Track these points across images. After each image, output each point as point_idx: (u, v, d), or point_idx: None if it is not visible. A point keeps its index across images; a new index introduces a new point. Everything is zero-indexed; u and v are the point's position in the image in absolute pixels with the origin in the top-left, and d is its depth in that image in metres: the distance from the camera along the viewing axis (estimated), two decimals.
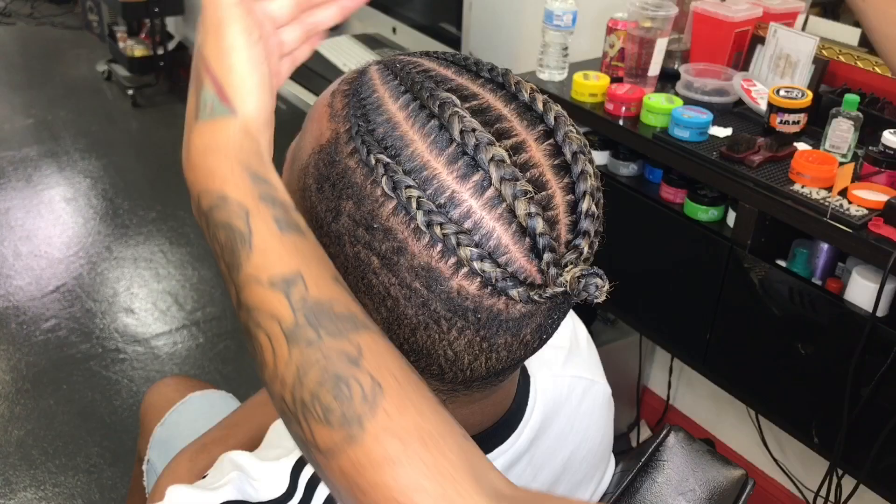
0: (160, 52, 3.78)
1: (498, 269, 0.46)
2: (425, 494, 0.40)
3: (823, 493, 1.43)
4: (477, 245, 0.46)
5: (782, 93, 1.39)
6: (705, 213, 1.43)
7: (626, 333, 1.98)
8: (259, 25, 0.51)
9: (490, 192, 0.47)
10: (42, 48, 4.55)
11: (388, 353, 0.44)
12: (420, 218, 0.46)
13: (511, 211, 0.47)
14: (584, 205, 0.49)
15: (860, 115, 1.33)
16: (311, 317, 0.43)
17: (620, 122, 1.50)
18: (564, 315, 0.54)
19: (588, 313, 1.96)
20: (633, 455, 0.89)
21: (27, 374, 2.24)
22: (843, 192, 1.24)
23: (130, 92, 3.86)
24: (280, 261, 0.45)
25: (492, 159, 0.46)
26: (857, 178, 1.27)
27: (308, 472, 0.58)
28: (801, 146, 1.38)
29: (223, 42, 0.50)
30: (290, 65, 0.58)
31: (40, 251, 2.78)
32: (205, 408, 1.14)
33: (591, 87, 1.55)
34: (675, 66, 1.65)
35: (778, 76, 1.53)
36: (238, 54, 0.50)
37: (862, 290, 1.22)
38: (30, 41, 4.64)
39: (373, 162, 0.48)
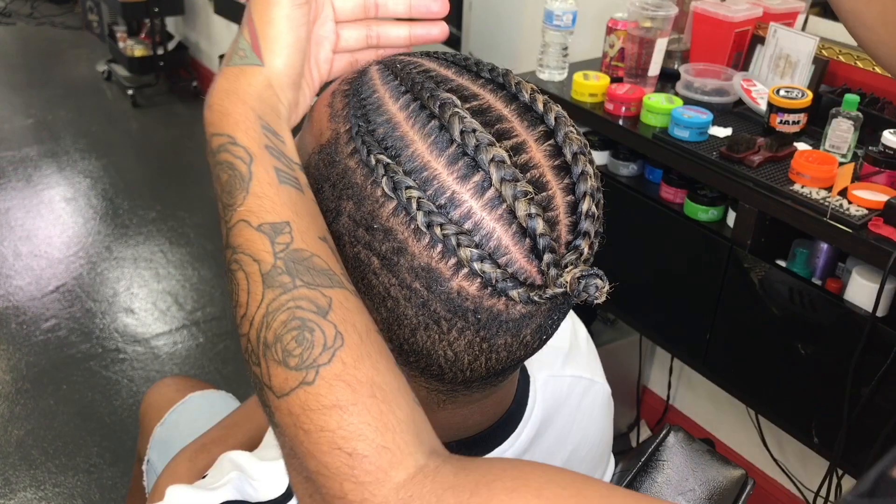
0: (160, 52, 3.78)
1: (498, 270, 0.46)
2: (366, 442, 0.41)
3: (823, 493, 1.43)
4: (477, 246, 0.46)
5: (782, 93, 1.39)
6: (705, 213, 1.43)
7: (626, 333, 1.98)
8: None
9: (490, 193, 0.47)
10: (42, 48, 4.55)
11: (356, 311, 0.45)
12: (420, 218, 0.46)
13: (511, 212, 0.47)
14: (585, 205, 0.49)
15: (860, 115, 1.33)
16: (290, 264, 0.45)
17: (620, 122, 1.50)
18: (564, 315, 0.54)
19: (588, 313, 1.96)
20: (633, 455, 0.89)
21: (27, 374, 2.24)
22: (843, 192, 1.24)
23: (130, 92, 3.86)
24: (273, 208, 0.47)
25: (492, 160, 0.46)
26: (857, 178, 1.27)
27: None
28: (801, 146, 1.38)
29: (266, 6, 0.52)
30: (347, 63, 0.60)
31: (40, 251, 2.78)
32: (205, 408, 1.14)
33: (591, 87, 1.55)
34: (675, 66, 1.65)
35: (778, 76, 1.53)
36: (279, 10, 0.52)
37: (862, 290, 1.22)
38: (30, 41, 4.64)
39: (373, 162, 0.48)
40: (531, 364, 0.70)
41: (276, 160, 0.49)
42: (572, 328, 0.78)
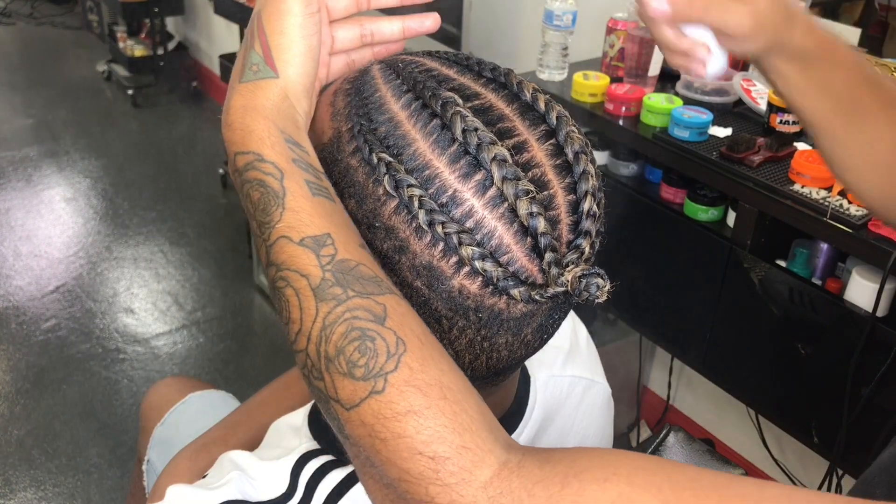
0: (160, 52, 3.78)
1: (499, 269, 0.46)
2: (446, 444, 0.41)
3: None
4: (478, 244, 0.46)
5: None
6: (705, 213, 1.43)
7: (626, 333, 1.98)
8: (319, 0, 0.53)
9: (492, 192, 0.47)
10: (42, 48, 4.55)
11: (410, 315, 0.45)
12: (422, 217, 0.46)
13: (513, 210, 0.47)
14: (586, 205, 0.49)
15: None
16: (338, 275, 0.45)
17: (620, 122, 1.50)
18: (565, 315, 0.54)
19: (588, 313, 1.96)
20: None
21: (27, 374, 2.24)
22: (843, 192, 1.24)
23: (130, 92, 3.86)
24: (311, 221, 0.46)
25: (494, 159, 0.46)
26: None
27: (308, 471, 0.58)
28: (801, 146, 1.38)
29: (281, 5, 0.52)
30: (344, 65, 0.59)
31: (40, 251, 2.78)
32: (205, 408, 1.14)
33: (591, 87, 1.55)
34: None
35: None
36: (292, 19, 0.52)
37: (862, 289, 1.22)
38: (30, 41, 4.64)
39: (375, 161, 0.48)
40: (531, 364, 0.70)
41: (305, 173, 0.48)
42: (573, 328, 0.78)
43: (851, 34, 1.52)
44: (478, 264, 0.46)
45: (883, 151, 0.70)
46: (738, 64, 1.61)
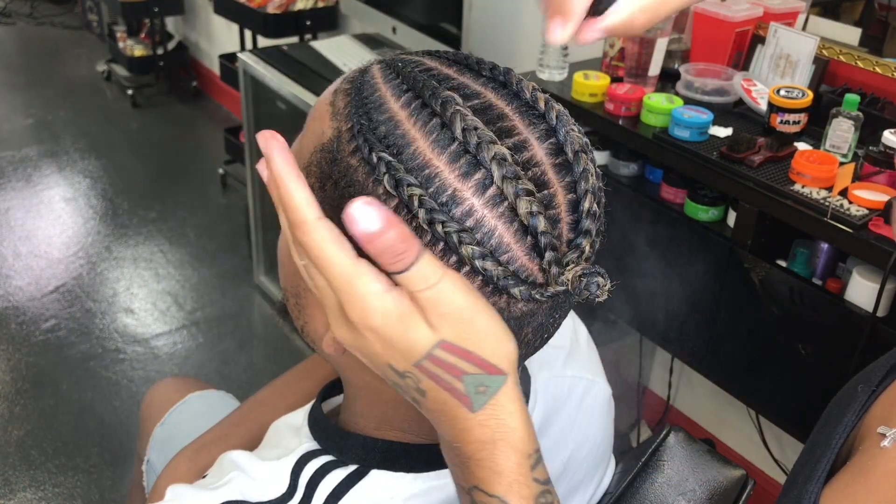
0: (160, 52, 3.78)
1: (499, 268, 0.46)
2: None
3: None
4: (478, 243, 0.46)
5: (782, 93, 1.39)
6: (705, 213, 1.43)
7: (626, 333, 1.98)
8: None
9: (492, 191, 0.47)
10: (42, 48, 4.55)
11: None
12: (422, 216, 0.46)
13: (513, 209, 0.47)
14: (586, 204, 0.49)
15: (860, 115, 1.33)
16: None
17: (620, 122, 1.50)
18: (566, 315, 0.54)
19: (588, 313, 1.96)
20: (633, 455, 0.89)
21: (27, 374, 2.24)
22: (844, 192, 1.24)
23: (130, 92, 3.86)
24: None
25: (493, 157, 0.46)
26: (858, 178, 1.27)
27: (308, 471, 0.58)
28: (802, 146, 1.38)
29: (464, 314, 0.44)
30: None
31: (40, 251, 2.77)
32: (205, 408, 1.14)
33: (591, 86, 1.55)
34: (676, 66, 1.65)
35: (778, 76, 1.53)
36: (483, 313, 0.45)
37: (862, 290, 1.22)
38: (30, 41, 4.64)
39: (375, 160, 0.48)
40: (532, 364, 0.70)
41: None
42: (573, 328, 0.78)
43: (852, 34, 1.52)
44: (478, 263, 0.46)
45: None
46: (739, 64, 1.61)
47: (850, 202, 1.22)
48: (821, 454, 0.69)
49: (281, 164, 0.44)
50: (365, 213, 0.41)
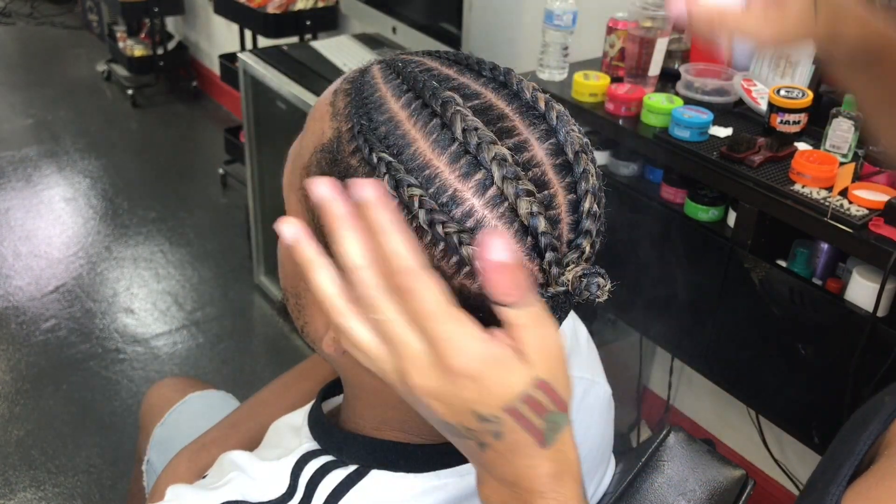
0: (160, 52, 3.78)
1: None
2: None
3: None
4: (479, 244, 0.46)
5: (783, 93, 1.39)
6: (705, 213, 1.43)
7: (626, 333, 1.98)
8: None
9: (492, 191, 0.47)
10: (42, 48, 4.55)
11: None
12: (422, 217, 0.46)
13: (513, 210, 0.47)
14: (586, 204, 0.49)
15: (860, 115, 1.33)
16: None
17: (620, 122, 1.50)
18: (566, 315, 0.54)
19: (588, 313, 1.96)
20: (633, 455, 0.89)
21: (27, 374, 2.24)
22: (844, 192, 1.24)
23: (130, 92, 3.86)
24: None
25: (494, 158, 0.46)
26: (858, 178, 1.27)
27: (308, 471, 0.58)
28: (802, 146, 1.38)
29: (556, 350, 0.45)
30: None
31: (40, 251, 2.77)
32: (205, 408, 1.14)
33: (591, 86, 1.55)
34: (676, 66, 1.65)
35: (778, 76, 1.52)
36: (563, 350, 0.45)
37: (862, 290, 1.22)
38: (30, 41, 4.64)
39: (375, 161, 0.48)
40: None
41: None
42: (573, 328, 0.78)
43: None
44: (478, 264, 0.46)
45: None
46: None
47: (851, 202, 1.22)
48: (843, 460, 0.69)
49: (382, 214, 0.43)
50: (499, 243, 0.41)
